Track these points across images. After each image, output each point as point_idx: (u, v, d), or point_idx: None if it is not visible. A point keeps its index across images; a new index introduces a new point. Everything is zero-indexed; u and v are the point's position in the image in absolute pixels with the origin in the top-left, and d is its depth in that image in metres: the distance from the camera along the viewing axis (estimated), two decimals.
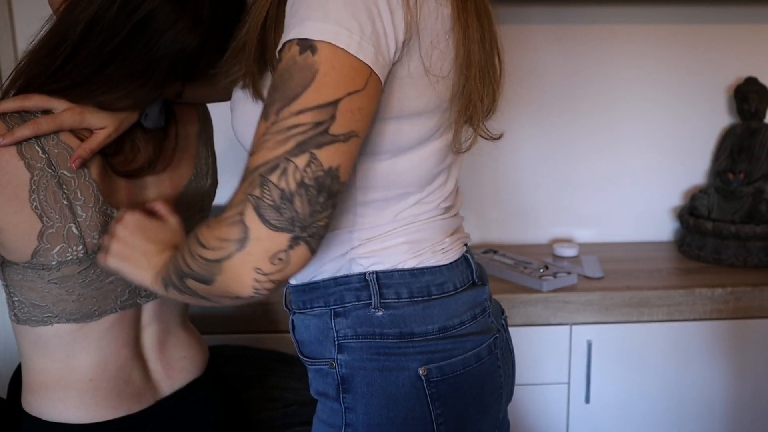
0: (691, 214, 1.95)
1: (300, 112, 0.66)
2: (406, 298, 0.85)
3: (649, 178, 2.07)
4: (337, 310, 0.86)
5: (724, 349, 1.70)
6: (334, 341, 0.86)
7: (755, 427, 1.75)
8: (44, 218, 0.85)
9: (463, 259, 0.92)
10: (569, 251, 1.92)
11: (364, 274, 0.85)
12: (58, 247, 0.86)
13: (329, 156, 0.67)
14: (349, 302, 0.85)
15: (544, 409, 1.72)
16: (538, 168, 2.05)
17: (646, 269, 1.83)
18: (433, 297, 0.86)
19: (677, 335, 1.69)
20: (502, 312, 1.01)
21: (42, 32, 0.87)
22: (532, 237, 2.09)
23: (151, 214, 0.89)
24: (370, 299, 0.84)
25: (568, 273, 1.72)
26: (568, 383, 1.71)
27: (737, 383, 1.72)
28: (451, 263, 0.89)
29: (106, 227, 0.89)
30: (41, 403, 0.93)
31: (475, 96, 0.83)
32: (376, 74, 0.69)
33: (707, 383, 1.72)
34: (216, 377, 1.09)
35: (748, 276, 1.75)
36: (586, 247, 2.01)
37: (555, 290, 1.66)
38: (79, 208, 0.87)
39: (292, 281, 0.90)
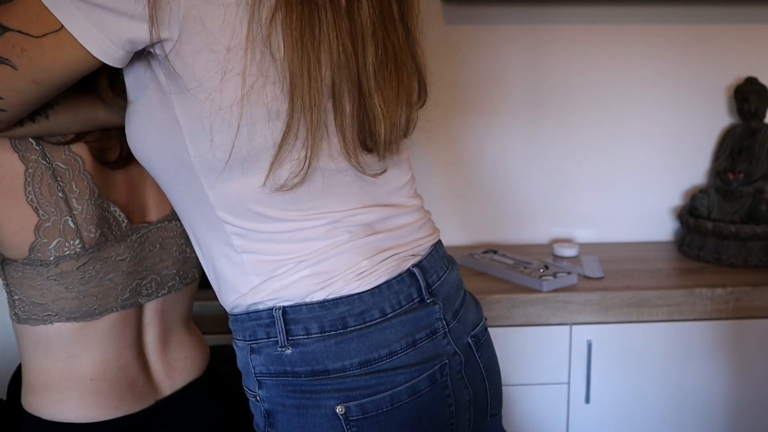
0: (691, 214, 1.95)
1: None
2: (316, 334, 0.80)
3: (649, 178, 2.07)
4: (252, 345, 0.83)
5: (724, 349, 1.70)
6: (254, 377, 0.84)
7: (755, 427, 1.75)
8: (40, 211, 0.85)
9: (406, 276, 0.84)
10: (569, 251, 1.92)
11: (272, 309, 0.81)
12: (55, 242, 0.86)
13: None
14: (261, 339, 0.82)
15: (544, 409, 1.72)
16: (538, 168, 2.05)
17: (646, 269, 1.83)
18: (350, 329, 0.80)
19: (677, 335, 1.69)
20: (476, 326, 0.94)
21: None
22: (532, 237, 2.09)
23: None
24: (278, 336, 0.81)
25: (568, 273, 1.72)
26: (568, 383, 1.71)
27: (737, 383, 1.72)
28: (376, 287, 0.82)
29: (102, 221, 0.89)
30: (42, 403, 0.93)
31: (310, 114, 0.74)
32: (71, 35, 0.70)
33: (707, 383, 1.72)
34: (216, 377, 1.09)
35: (748, 276, 1.75)
36: (586, 247, 2.01)
37: (555, 290, 1.66)
38: (74, 200, 0.87)
39: (224, 307, 0.88)
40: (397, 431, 0.82)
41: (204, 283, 1.67)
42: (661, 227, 2.10)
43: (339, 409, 0.79)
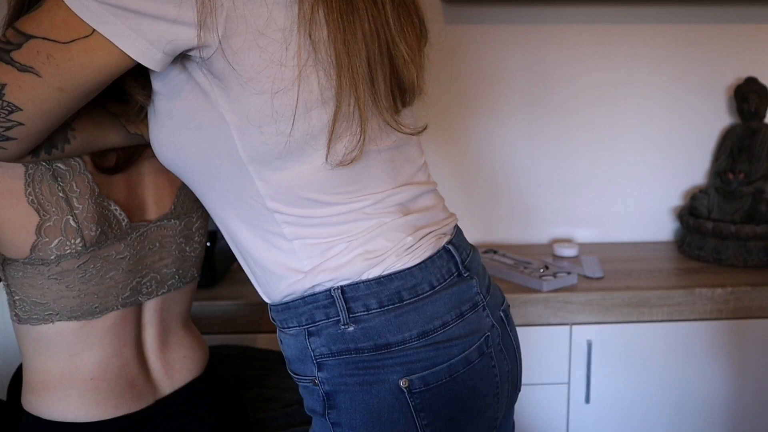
0: (691, 214, 1.95)
1: (12, 26, 0.73)
2: (376, 309, 0.83)
3: (649, 178, 2.07)
4: (310, 329, 0.85)
5: (724, 349, 1.70)
6: (313, 360, 0.85)
7: (755, 427, 1.75)
8: (41, 212, 0.85)
9: (443, 252, 0.89)
10: (569, 251, 1.92)
11: (330, 290, 0.83)
12: (56, 241, 0.86)
13: (1, 71, 0.72)
14: (320, 320, 0.84)
15: (544, 409, 1.72)
16: (538, 168, 2.05)
17: (646, 269, 1.83)
18: (405, 302, 0.84)
19: (677, 335, 1.69)
20: (503, 302, 0.98)
21: None
22: (532, 237, 2.09)
23: None
24: (339, 315, 0.83)
25: (568, 273, 1.72)
26: (568, 383, 1.71)
27: (737, 383, 1.72)
28: (422, 262, 0.86)
29: (103, 219, 0.90)
30: (42, 402, 0.93)
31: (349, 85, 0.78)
32: (104, 39, 0.71)
33: (707, 383, 1.72)
34: (216, 377, 1.10)
35: (748, 276, 1.75)
36: (586, 247, 2.01)
37: (555, 290, 1.66)
38: (75, 200, 0.87)
39: (266, 300, 0.90)
40: (455, 401, 0.85)
41: (203, 283, 1.68)
42: (661, 227, 2.10)
43: (402, 383, 0.82)
